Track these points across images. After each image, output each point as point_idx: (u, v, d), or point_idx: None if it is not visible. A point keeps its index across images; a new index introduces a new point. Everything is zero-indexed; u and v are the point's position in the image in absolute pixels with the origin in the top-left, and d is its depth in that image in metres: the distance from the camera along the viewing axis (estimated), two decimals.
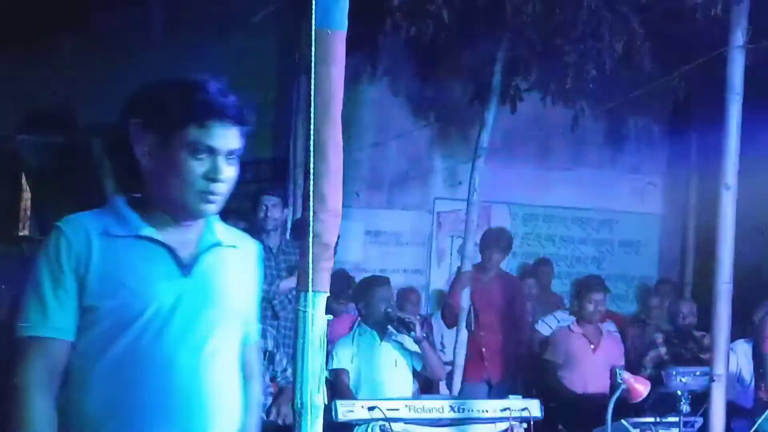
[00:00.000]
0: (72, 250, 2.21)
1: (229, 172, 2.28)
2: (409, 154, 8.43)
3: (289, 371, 5.33)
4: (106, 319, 2.20)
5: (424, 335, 5.60)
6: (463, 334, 7.06)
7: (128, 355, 2.19)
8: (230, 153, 2.27)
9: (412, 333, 5.47)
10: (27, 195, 11.07)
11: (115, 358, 2.19)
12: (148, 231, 2.27)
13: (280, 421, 5.11)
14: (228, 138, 2.25)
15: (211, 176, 2.24)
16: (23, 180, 10.96)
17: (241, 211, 7.69)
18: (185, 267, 2.27)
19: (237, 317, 2.37)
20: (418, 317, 5.90)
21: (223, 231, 2.40)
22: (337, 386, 5.44)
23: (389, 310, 5.62)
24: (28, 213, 11.16)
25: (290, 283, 5.75)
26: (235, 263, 2.38)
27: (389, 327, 5.61)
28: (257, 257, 2.47)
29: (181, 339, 2.23)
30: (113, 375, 2.20)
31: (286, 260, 5.96)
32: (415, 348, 5.61)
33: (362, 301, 5.77)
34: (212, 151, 2.23)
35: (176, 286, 2.25)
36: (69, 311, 2.21)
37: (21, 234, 11.16)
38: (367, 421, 4.96)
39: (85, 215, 2.32)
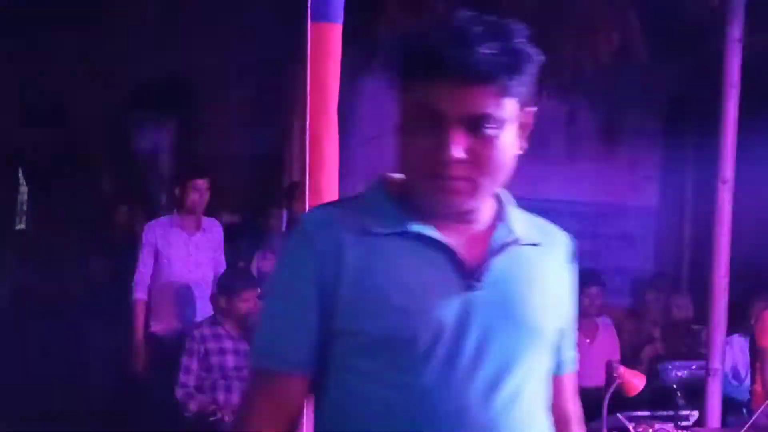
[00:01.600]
0: (316, 256, 1.58)
1: (478, 147, 1.56)
2: None
3: None
4: (367, 347, 1.59)
5: None
6: None
7: (401, 395, 1.57)
8: (474, 120, 1.55)
9: None
10: (24, 189, 11.07)
11: (385, 398, 1.58)
12: (421, 227, 1.61)
13: None
14: (465, 100, 1.54)
15: (436, 153, 1.55)
16: (20, 174, 10.95)
17: (234, 206, 7.72)
18: (472, 275, 1.61)
19: (546, 341, 1.69)
20: None
21: (523, 223, 1.71)
22: None
23: None
24: (25, 207, 11.15)
25: None
26: (539, 267, 1.70)
27: None
28: (569, 256, 1.77)
29: (472, 373, 1.58)
30: (383, 420, 1.58)
31: None
32: None
33: None
34: (440, 117, 1.54)
35: (462, 303, 1.59)
36: (305, 338, 1.62)
37: (18, 228, 11.15)
38: None
39: (335, 208, 1.72)
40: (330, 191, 2.77)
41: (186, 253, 5.93)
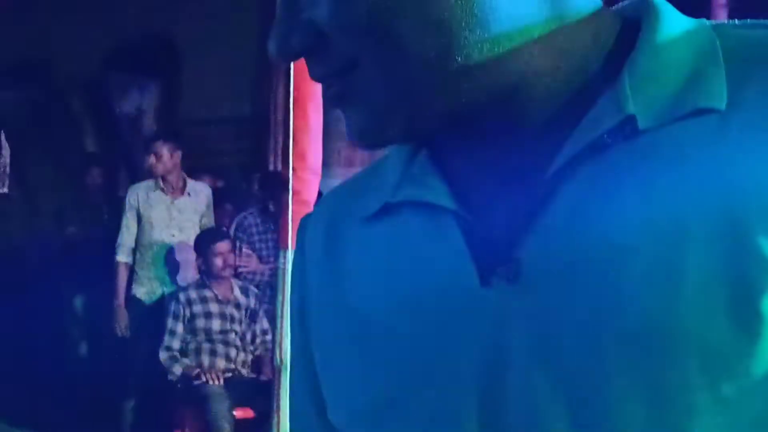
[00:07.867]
0: (304, 266, 0.85)
1: None
2: None
3: (269, 336, 5.34)
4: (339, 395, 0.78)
5: None
6: None
7: None
8: None
9: None
10: (6, 152, 10.99)
11: None
12: (434, 191, 0.74)
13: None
14: None
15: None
16: (2, 136, 10.88)
17: (216, 168, 7.68)
18: (498, 264, 0.66)
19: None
20: None
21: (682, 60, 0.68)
22: None
23: None
24: (8, 170, 11.08)
25: None
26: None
27: None
28: None
29: None
30: None
31: None
32: None
33: None
34: None
35: (477, 313, 0.67)
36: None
37: (1, 192, 11.10)
38: None
39: (350, 183, 0.89)
40: (313, 153, 2.75)
41: (168, 217, 5.90)
